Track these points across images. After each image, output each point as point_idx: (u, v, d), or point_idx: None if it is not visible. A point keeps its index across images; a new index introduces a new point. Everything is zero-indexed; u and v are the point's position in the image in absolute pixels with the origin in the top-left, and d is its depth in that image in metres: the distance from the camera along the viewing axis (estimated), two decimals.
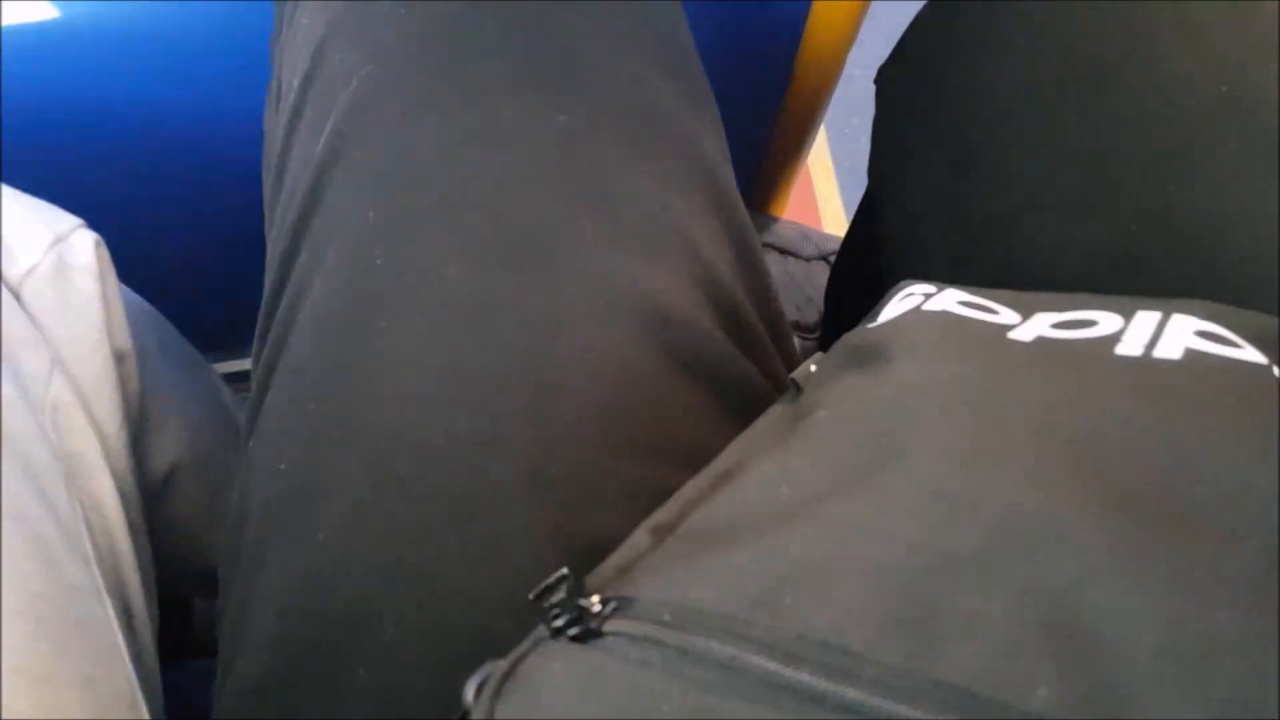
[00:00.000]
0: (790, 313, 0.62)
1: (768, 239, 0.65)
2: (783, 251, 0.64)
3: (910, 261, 0.41)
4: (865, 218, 0.54)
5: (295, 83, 0.33)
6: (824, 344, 0.60)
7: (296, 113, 0.33)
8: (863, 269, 0.55)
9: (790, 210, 1.10)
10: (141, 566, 0.38)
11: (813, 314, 0.62)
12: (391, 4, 0.32)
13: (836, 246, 0.69)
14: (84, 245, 0.40)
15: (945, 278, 0.37)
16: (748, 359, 0.31)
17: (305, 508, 0.27)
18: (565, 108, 0.30)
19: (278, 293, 0.31)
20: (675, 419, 0.29)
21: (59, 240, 0.40)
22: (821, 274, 0.66)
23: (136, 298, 0.48)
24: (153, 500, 0.44)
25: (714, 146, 0.35)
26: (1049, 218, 0.33)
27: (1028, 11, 0.36)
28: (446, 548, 0.25)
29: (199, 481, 0.48)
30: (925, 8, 0.42)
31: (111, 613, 0.33)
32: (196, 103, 0.52)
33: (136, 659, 0.36)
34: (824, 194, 1.16)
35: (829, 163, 1.20)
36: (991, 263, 0.35)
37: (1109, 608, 0.17)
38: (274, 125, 0.36)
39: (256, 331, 0.32)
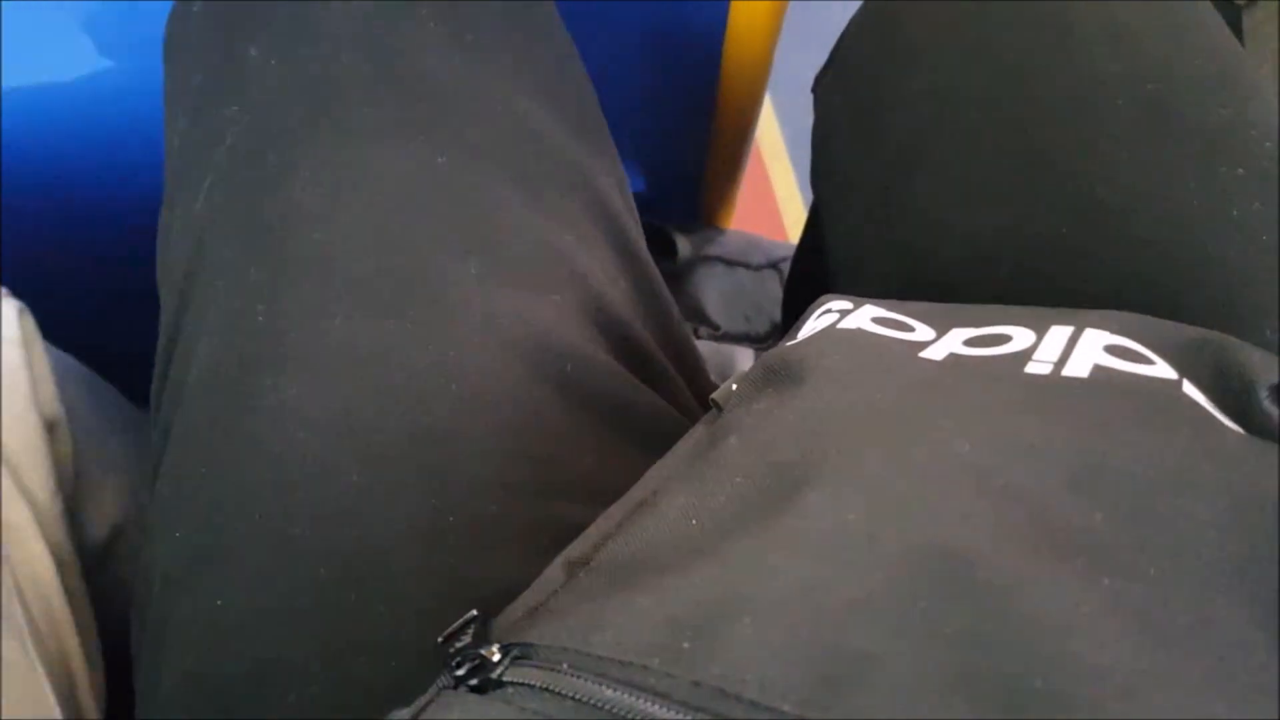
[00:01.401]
0: (739, 324, 0.62)
1: (715, 251, 0.65)
2: (730, 263, 0.64)
3: (852, 266, 0.41)
4: (813, 223, 0.54)
5: (175, 141, 0.33)
6: None
7: (178, 169, 0.33)
8: (814, 275, 0.56)
9: (751, 215, 1.10)
10: (83, 633, 0.38)
11: (763, 324, 0.62)
12: (262, 57, 0.31)
13: (787, 253, 0.69)
14: (8, 314, 0.40)
15: (885, 282, 0.38)
16: (650, 388, 0.31)
17: (202, 576, 0.27)
18: (443, 148, 0.30)
19: (169, 354, 0.31)
20: (574, 455, 0.28)
21: None
22: (772, 282, 0.66)
23: (69, 360, 0.47)
24: (96, 564, 0.43)
25: (605, 176, 0.35)
26: (984, 217, 0.33)
27: (957, 16, 0.36)
28: (345, 605, 0.25)
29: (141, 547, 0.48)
30: (857, 14, 0.43)
31: (47, 687, 0.33)
32: (128, 156, 0.52)
33: None
34: (784, 197, 1.17)
35: (788, 165, 1.20)
36: (930, 265, 0.35)
37: (1017, 649, 0.17)
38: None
39: (152, 394, 0.31)
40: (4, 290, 0.41)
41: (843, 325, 0.28)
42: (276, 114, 0.30)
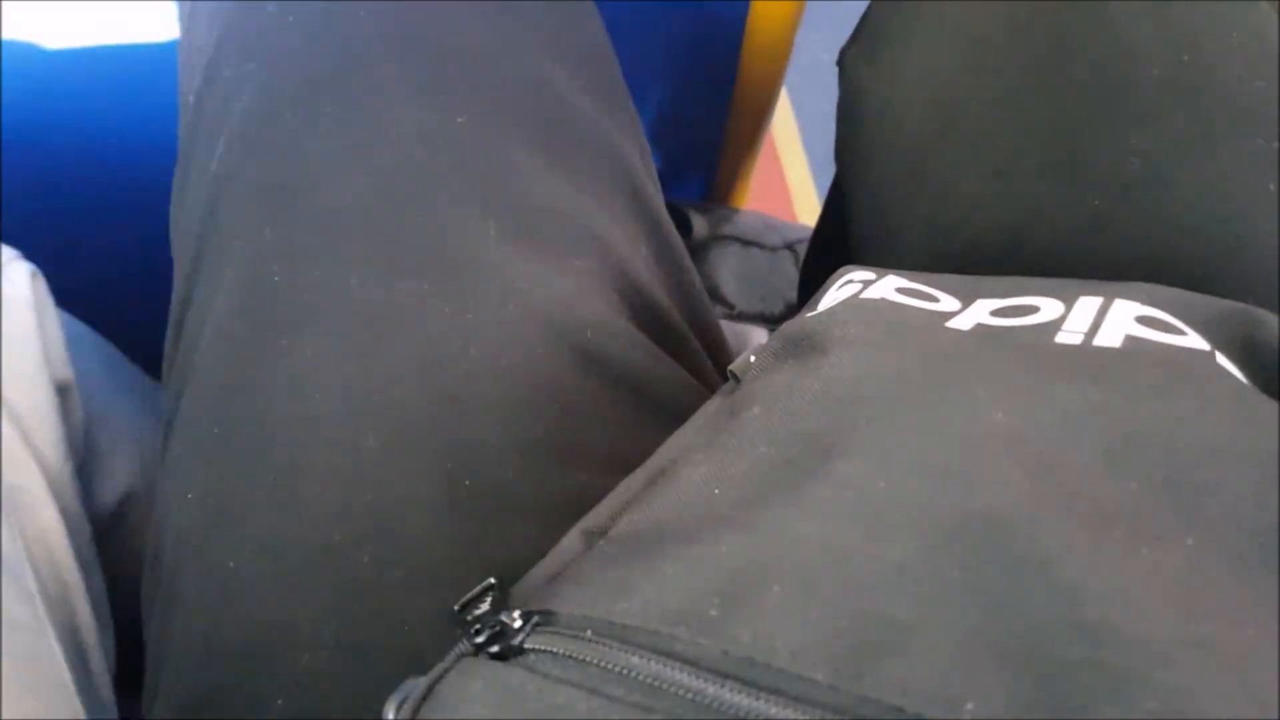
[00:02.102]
0: (754, 304, 0.61)
1: (730, 231, 0.64)
2: (745, 243, 0.64)
3: (878, 244, 0.41)
4: (834, 203, 0.54)
5: (190, 98, 0.33)
6: None
7: (193, 128, 0.32)
8: (834, 255, 0.55)
9: (763, 200, 1.10)
10: (94, 599, 0.38)
11: (778, 304, 0.62)
12: (280, 13, 0.31)
13: (802, 235, 0.68)
14: (20, 278, 0.40)
15: (912, 255, 0.37)
16: (671, 358, 0.31)
17: (215, 537, 0.26)
18: (465, 109, 0.30)
19: (182, 315, 0.30)
20: (593, 424, 0.28)
21: None
22: (787, 263, 0.65)
23: (81, 327, 0.47)
24: (106, 530, 0.43)
25: (629, 144, 0.34)
26: (1014, 190, 0.33)
27: None
28: (360, 568, 0.25)
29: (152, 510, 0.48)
30: None
31: (58, 649, 0.32)
32: (143, 121, 0.51)
33: (91, 692, 0.35)
34: (796, 182, 1.16)
35: (801, 150, 1.19)
36: (958, 238, 0.35)
37: (1055, 617, 0.16)
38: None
39: (165, 356, 0.31)
40: (16, 253, 0.40)
41: (866, 295, 0.27)
42: (295, 71, 0.30)
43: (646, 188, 0.34)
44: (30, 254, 0.41)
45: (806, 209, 1.11)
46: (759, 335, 0.60)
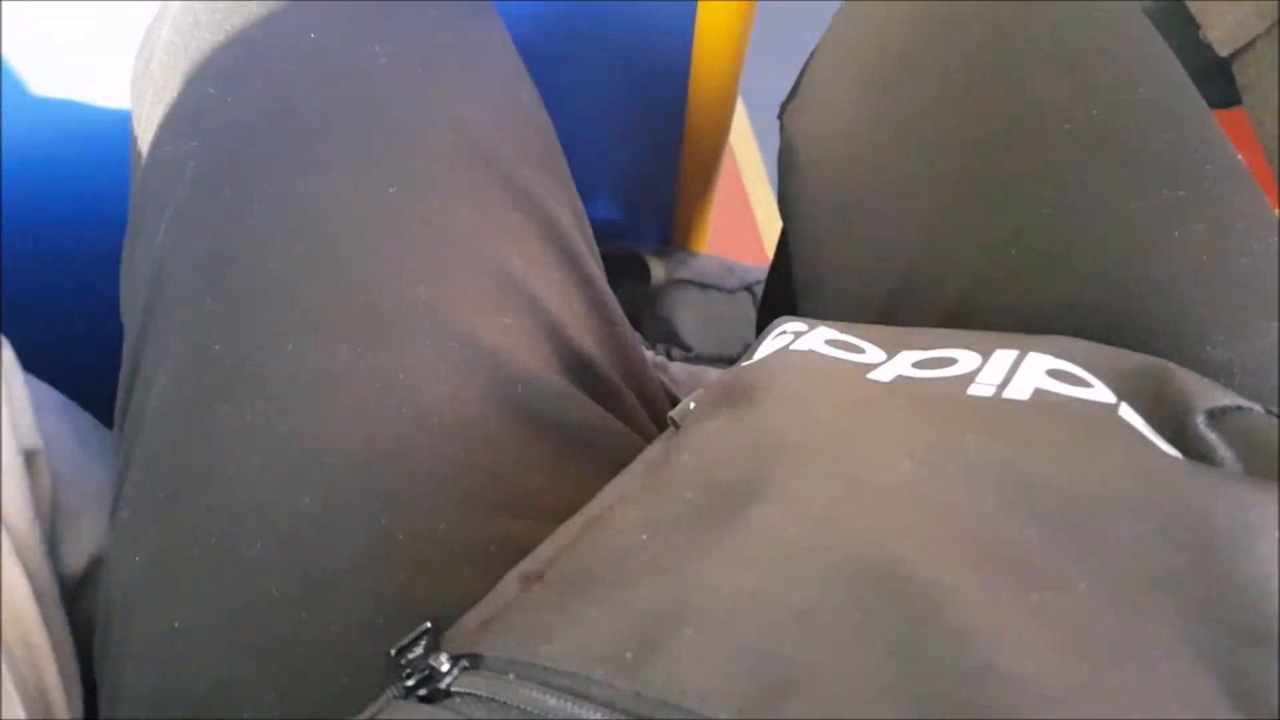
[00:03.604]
0: (712, 345, 0.63)
1: (688, 275, 0.66)
2: (703, 286, 0.65)
3: (812, 287, 0.42)
4: (782, 248, 0.55)
5: (138, 176, 0.34)
6: None
7: (139, 203, 0.34)
8: (784, 297, 0.57)
9: (732, 238, 1.12)
10: (62, 662, 0.38)
11: (736, 346, 0.63)
12: (219, 93, 0.32)
13: (760, 277, 0.70)
14: None
15: (841, 302, 0.39)
16: (602, 407, 0.32)
17: (159, 599, 0.27)
18: (395, 178, 0.31)
19: (131, 383, 0.31)
20: (526, 473, 0.29)
21: None
22: (746, 305, 0.67)
23: (48, 390, 0.48)
24: (75, 592, 0.43)
25: (559, 204, 0.36)
26: (934, 241, 0.34)
27: (910, 45, 0.37)
28: (300, 624, 0.26)
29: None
30: (818, 44, 0.44)
31: (21, 712, 0.33)
32: (104, 191, 0.52)
33: None
34: (765, 219, 1.18)
35: (768, 188, 1.22)
36: (885, 288, 0.36)
37: (946, 659, 0.17)
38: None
39: (114, 424, 0.32)
40: None
41: (795, 346, 0.29)
42: (232, 148, 0.31)
43: (578, 245, 0.35)
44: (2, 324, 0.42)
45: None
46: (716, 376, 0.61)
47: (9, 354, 0.41)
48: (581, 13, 0.53)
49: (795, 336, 0.29)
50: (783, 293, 0.53)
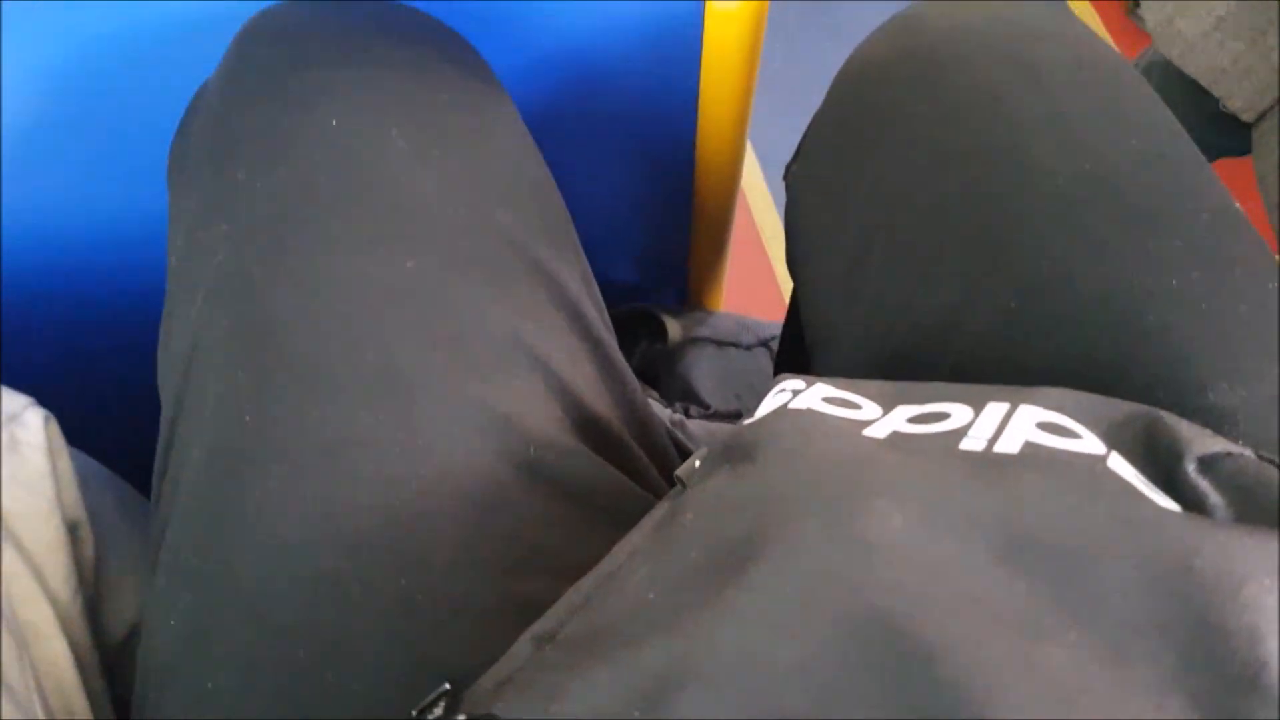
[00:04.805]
0: (730, 402, 0.64)
1: (704, 333, 0.67)
2: (720, 344, 0.67)
3: (822, 345, 0.43)
4: (794, 305, 0.57)
5: (174, 259, 0.36)
6: None
7: (175, 283, 0.36)
8: (797, 356, 0.58)
9: (752, 294, 1.13)
10: None
11: (755, 403, 0.64)
12: (248, 179, 0.35)
13: (776, 332, 0.71)
14: (34, 423, 0.43)
15: (850, 359, 0.40)
16: (614, 467, 0.33)
17: (192, 661, 0.28)
18: (413, 254, 0.33)
19: (166, 454, 0.33)
20: (540, 534, 0.30)
21: (11, 419, 0.42)
22: (763, 360, 0.68)
23: (92, 463, 0.50)
24: (115, 659, 0.45)
25: (569, 272, 0.37)
26: (935, 296, 0.35)
27: (909, 110, 0.38)
28: (325, 685, 0.27)
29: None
30: (820, 108, 0.46)
31: None
32: (142, 274, 0.55)
33: None
34: (784, 276, 1.20)
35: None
36: (888, 343, 0.37)
37: (939, 711, 0.18)
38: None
39: (152, 494, 0.34)
40: (30, 400, 0.43)
41: (794, 405, 0.30)
42: (260, 231, 0.33)
43: (587, 310, 0.37)
44: (46, 397, 0.44)
45: None
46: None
47: (55, 429, 0.43)
48: (586, 82, 0.55)
49: (794, 394, 0.30)
50: (796, 349, 0.54)
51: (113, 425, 0.54)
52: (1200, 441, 0.24)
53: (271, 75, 0.36)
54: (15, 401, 0.43)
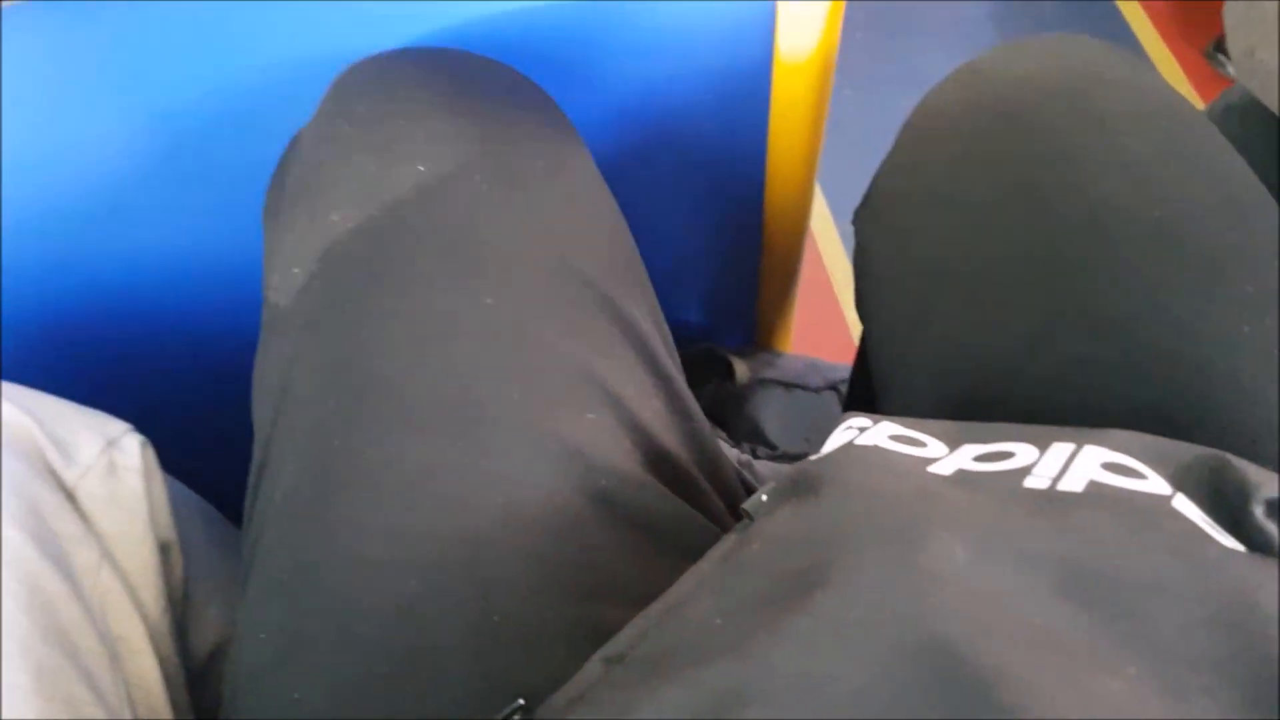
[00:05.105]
0: (797, 444, 0.64)
1: (773, 374, 0.68)
2: (788, 385, 0.67)
3: (891, 385, 0.44)
4: (862, 346, 0.57)
5: (270, 294, 0.38)
6: None
7: (271, 317, 0.38)
8: (866, 398, 0.58)
9: (822, 339, 1.13)
10: None
11: (821, 443, 0.64)
12: (341, 220, 0.37)
13: (845, 375, 0.71)
14: (132, 448, 0.45)
15: (919, 399, 0.40)
16: (680, 498, 0.34)
17: (281, 671, 0.30)
18: (492, 291, 0.34)
19: (259, 476, 0.35)
20: (609, 560, 0.31)
21: (111, 444, 0.45)
22: (831, 403, 0.68)
23: (184, 490, 0.52)
24: (198, 679, 0.47)
25: (640, 311, 0.39)
26: (1004, 338, 0.35)
27: (977, 152, 0.39)
28: (404, 699, 0.28)
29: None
30: (889, 152, 0.46)
31: None
32: (237, 311, 0.58)
33: None
34: (854, 321, 1.20)
35: None
36: (960, 383, 0.37)
37: None
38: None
39: (244, 514, 0.36)
40: (129, 426, 0.46)
41: (860, 441, 0.30)
42: (351, 268, 0.35)
43: (657, 347, 0.38)
44: (145, 425, 0.46)
45: None
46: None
47: (151, 454, 0.46)
48: (658, 128, 0.57)
49: (860, 431, 0.31)
50: (865, 390, 0.54)
51: (202, 453, 0.56)
52: (1269, 485, 0.24)
53: (364, 124, 0.38)
54: (115, 427, 0.46)
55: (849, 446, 0.30)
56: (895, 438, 0.30)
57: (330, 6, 0.45)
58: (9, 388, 0.41)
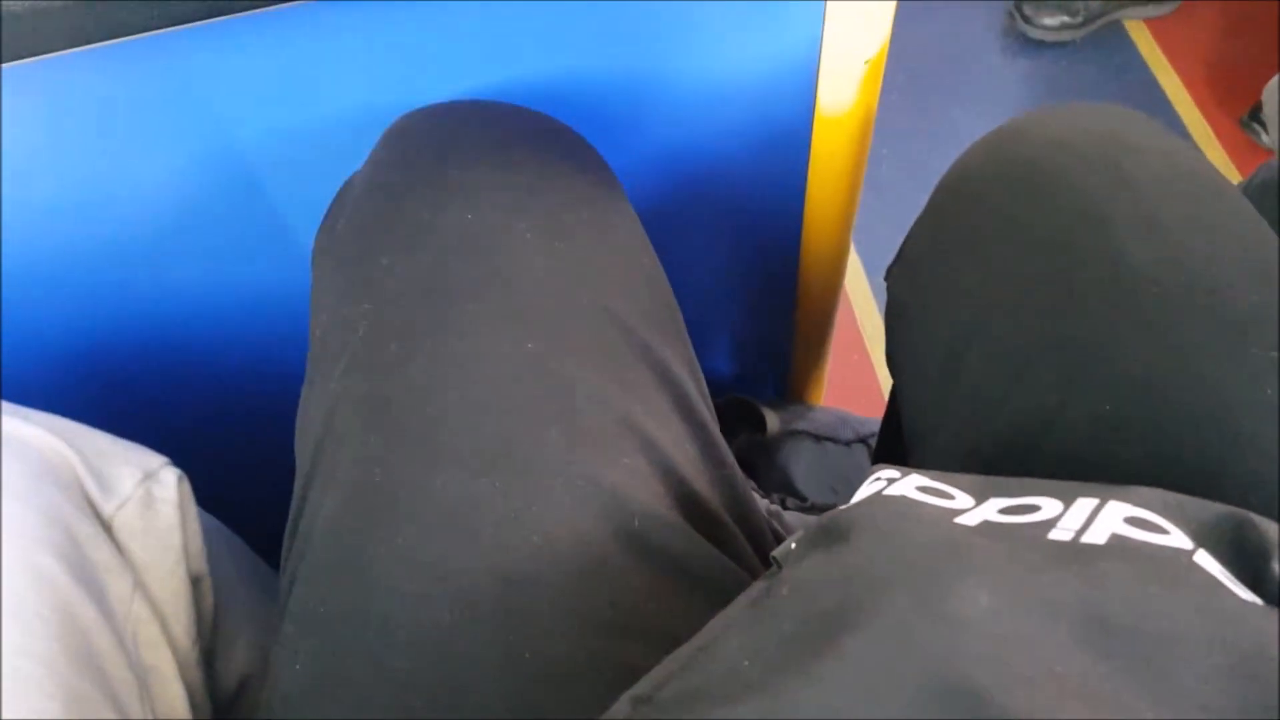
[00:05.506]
0: (827, 495, 0.64)
1: (804, 426, 0.68)
2: (819, 438, 0.67)
3: (920, 439, 0.44)
4: (892, 401, 0.57)
5: (318, 332, 0.39)
6: None
7: (317, 354, 0.39)
8: (895, 451, 0.58)
9: (853, 394, 1.13)
10: None
11: (851, 496, 0.64)
12: (389, 264, 0.38)
13: (875, 429, 0.71)
14: (169, 480, 0.46)
15: (948, 453, 0.40)
16: (710, 543, 0.34)
17: (316, 703, 0.30)
18: (534, 336, 0.35)
19: (300, 509, 0.35)
20: (638, 600, 0.31)
21: (148, 476, 0.45)
22: (861, 456, 0.68)
23: (216, 524, 0.53)
24: (225, 709, 0.47)
25: (676, 359, 0.39)
26: (1030, 395, 0.36)
27: (1006, 214, 0.40)
28: None
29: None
30: (921, 213, 0.47)
31: None
32: (275, 351, 0.59)
33: None
34: (885, 377, 1.20)
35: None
36: (988, 437, 0.38)
37: None
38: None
39: (284, 547, 0.36)
40: (166, 460, 0.47)
41: (888, 492, 0.31)
42: (399, 310, 0.36)
43: (692, 394, 0.38)
44: (182, 459, 0.47)
45: None
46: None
47: (187, 488, 0.47)
48: (697, 182, 0.58)
49: (889, 483, 0.31)
50: (894, 443, 0.54)
51: (236, 487, 0.57)
52: None
53: (414, 172, 0.40)
54: (153, 461, 0.46)
55: (878, 496, 0.30)
56: (923, 489, 0.31)
57: (385, 58, 0.47)
58: (51, 419, 0.42)
